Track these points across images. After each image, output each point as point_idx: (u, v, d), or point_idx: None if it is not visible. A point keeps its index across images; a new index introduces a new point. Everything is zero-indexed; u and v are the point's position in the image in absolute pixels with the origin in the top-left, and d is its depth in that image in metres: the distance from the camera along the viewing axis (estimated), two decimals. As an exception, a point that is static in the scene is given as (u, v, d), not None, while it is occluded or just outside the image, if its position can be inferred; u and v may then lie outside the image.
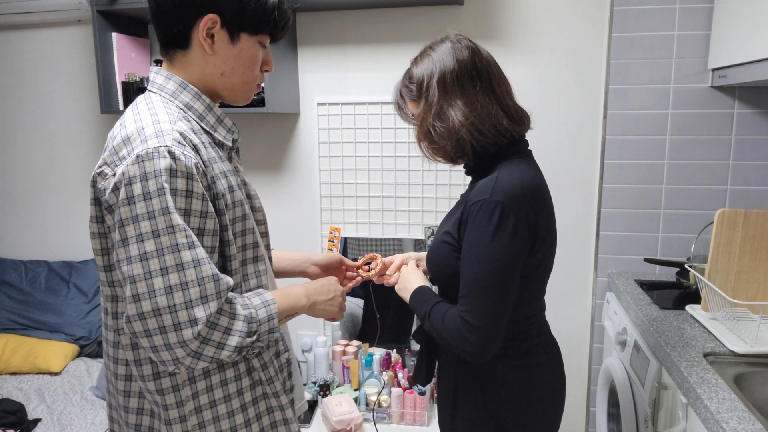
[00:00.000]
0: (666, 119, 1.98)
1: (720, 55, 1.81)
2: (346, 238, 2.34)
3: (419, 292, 1.24)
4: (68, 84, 2.54)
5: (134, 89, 2.13)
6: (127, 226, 0.88)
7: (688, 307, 1.67)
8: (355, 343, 2.30)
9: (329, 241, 2.34)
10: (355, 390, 2.18)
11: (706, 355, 1.38)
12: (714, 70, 1.90)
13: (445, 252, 1.18)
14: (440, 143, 1.13)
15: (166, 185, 0.87)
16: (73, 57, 2.52)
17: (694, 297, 1.75)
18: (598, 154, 2.11)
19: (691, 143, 1.98)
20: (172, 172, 0.88)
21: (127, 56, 2.20)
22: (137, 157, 0.88)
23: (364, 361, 2.19)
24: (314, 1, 2.07)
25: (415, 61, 1.20)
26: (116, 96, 2.17)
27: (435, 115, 1.12)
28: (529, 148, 1.23)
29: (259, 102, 2.03)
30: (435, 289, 1.29)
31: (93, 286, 2.52)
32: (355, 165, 2.29)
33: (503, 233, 1.04)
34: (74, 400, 2.09)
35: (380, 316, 1.66)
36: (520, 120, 1.18)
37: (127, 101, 2.15)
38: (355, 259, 1.46)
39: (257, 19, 1.00)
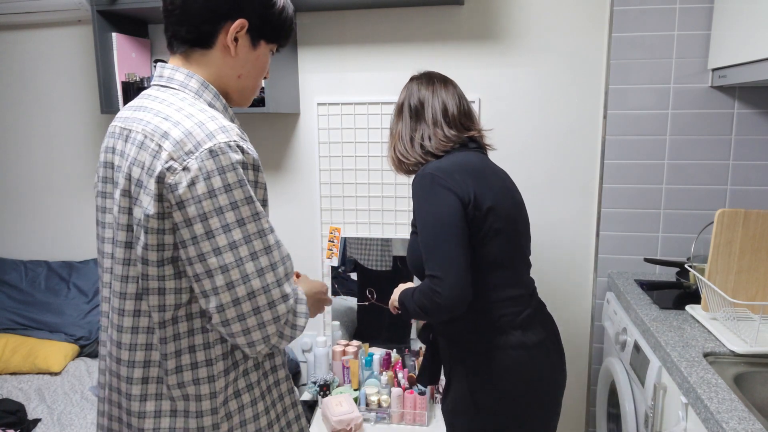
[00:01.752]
0: (666, 119, 1.98)
1: (720, 55, 1.81)
2: (346, 238, 2.34)
3: (404, 292, 1.38)
4: (68, 84, 2.54)
5: (134, 89, 2.13)
6: (210, 218, 0.90)
7: (688, 307, 1.67)
8: (355, 343, 2.30)
9: (329, 241, 2.34)
10: (355, 390, 2.18)
11: (706, 355, 1.38)
12: (714, 70, 1.90)
13: (414, 242, 1.34)
14: (389, 155, 1.46)
15: (243, 177, 0.92)
16: (73, 57, 2.52)
17: (694, 297, 1.75)
18: (598, 154, 2.11)
19: (691, 143, 1.98)
20: (244, 165, 0.94)
21: (127, 56, 2.20)
22: (210, 151, 0.91)
23: (364, 361, 2.19)
24: (314, 1, 2.07)
25: None
26: (116, 96, 2.17)
27: (390, 134, 1.47)
28: (478, 149, 1.43)
29: (259, 102, 2.03)
30: None
31: (93, 286, 2.52)
32: (355, 165, 2.29)
33: (436, 194, 1.25)
34: (74, 400, 2.09)
35: (380, 317, 1.66)
36: (446, 142, 1.39)
37: (127, 101, 2.15)
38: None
39: (277, 30, 1.07)
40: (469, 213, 1.26)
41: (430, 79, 1.44)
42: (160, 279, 0.96)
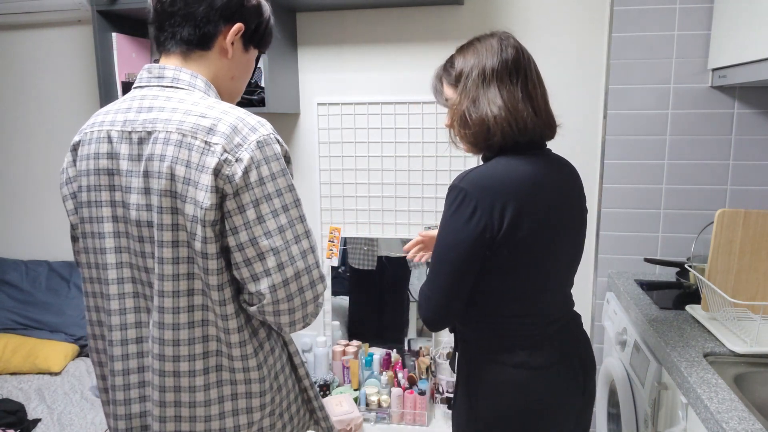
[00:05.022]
0: (666, 119, 1.98)
1: (720, 55, 1.81)
2: (345, 238, 2.34)
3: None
4: (68, 84, 2.55)
5: (134, 89, 2.12)
6: (261, 204, 0.96)
7: (688, 307, 1.67)
8: (355, 343, 2.30)
9: (329, 241, 2.34)
10: (355, 390, 2.18)
11: (706, 355, 1.38)
12: (714, 70, 1.90)
13: None
14: (472, 129, 1.19)
15: (284, 166, 1.00)
16: (73, 57, 2.52)
17: (694, 297, 1.75)
18: (598, 154, 2.11)
19: (691, 143, 1.98)
20: (281, 155, 1.01)
21: (127, 56, 2.20)
22: (258, 143, 0.97)
23: (364, 361, 2.20)
24: (314, 1, 2.07)
25: (460, 50, 1.25)
26: (116, 96, 2.17)
27: (471, 101, 1.19)
28: (543, 148, 1.29)
29: (259, 102, 2.03)
30: None
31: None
32: (355, 165, 2.29)
33: (460, 215, 1.13)
34: (74, 400, 2.09)
35: (371, 314, 1.65)
36: (548, 124, 1.25)
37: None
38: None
39: (265, 37, 1.13)
40: (499, 244, 1.13)
41: (518, 43, 1.28)
42: (219, 273, 0.99)
